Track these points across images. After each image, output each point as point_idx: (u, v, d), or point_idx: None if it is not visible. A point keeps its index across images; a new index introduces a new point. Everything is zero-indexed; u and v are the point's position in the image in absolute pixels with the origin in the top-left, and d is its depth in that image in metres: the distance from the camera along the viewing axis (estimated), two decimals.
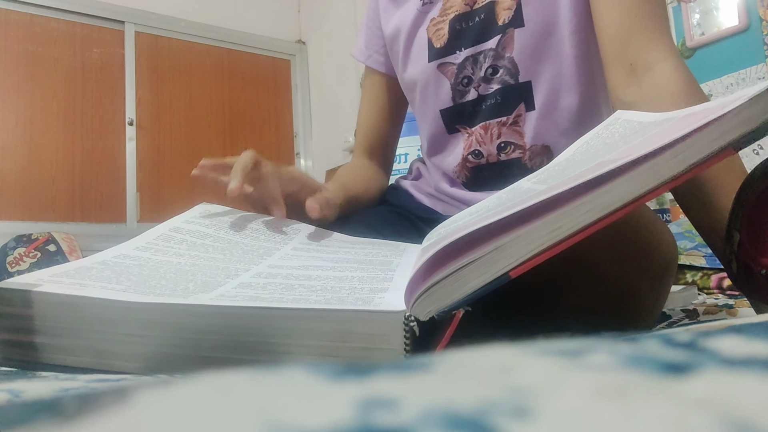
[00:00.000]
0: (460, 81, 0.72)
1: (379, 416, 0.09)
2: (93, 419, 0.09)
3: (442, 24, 0.73)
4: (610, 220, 0.28)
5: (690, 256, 0.97)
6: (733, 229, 0.37)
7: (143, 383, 0.11)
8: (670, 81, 0.55)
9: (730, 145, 0.27)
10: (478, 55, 0.71)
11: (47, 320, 0.31)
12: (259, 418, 0.09)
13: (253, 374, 0.11)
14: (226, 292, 0.34)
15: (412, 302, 0.29)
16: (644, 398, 0.09)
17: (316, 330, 0.29)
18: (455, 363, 0.11)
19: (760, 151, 1.47)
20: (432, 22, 0.74)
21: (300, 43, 3.43)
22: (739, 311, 0.60)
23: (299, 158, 3.32)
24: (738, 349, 0.12)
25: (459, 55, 0.72)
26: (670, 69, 0.55)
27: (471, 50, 0.71)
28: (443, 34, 0.73)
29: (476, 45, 0.71)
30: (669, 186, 0.28)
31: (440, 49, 0.73)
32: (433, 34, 0.74)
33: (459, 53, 0.72)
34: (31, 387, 0.24)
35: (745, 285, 0.37)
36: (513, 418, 0.09)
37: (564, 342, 0.13)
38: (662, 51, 0.57)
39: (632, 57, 0.58)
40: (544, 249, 0.28)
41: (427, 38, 0.75)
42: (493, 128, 0.71)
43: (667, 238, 0.47)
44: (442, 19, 0.73)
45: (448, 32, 0.73)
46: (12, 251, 2.25)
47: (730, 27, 1.61)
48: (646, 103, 0.55)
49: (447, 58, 0.73)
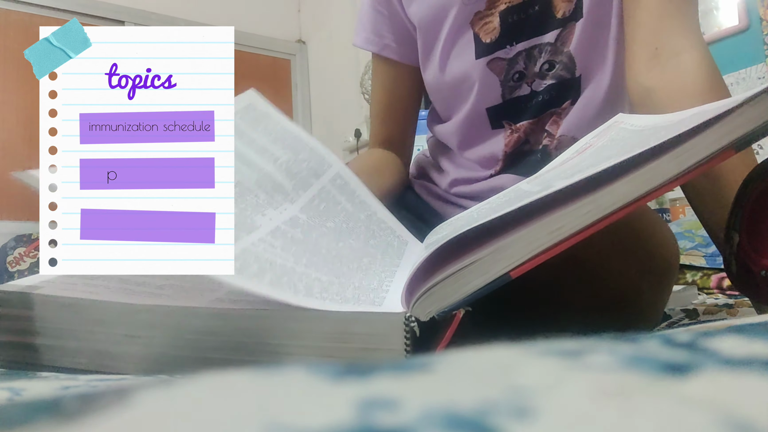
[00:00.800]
0: (511, 77, 0.68)
1: (379, 417, 0.09)
2: (93, 419, 0.09)
3: (491, 17, 0.68)
4: (611, 221, 0.28)
5: (690, 256, 0.97)
6: (733, 230, 0.37)
7: (144, 383, 0.11)
8: (696, 70, 0.52)
9: (731, 145, 0.27)
10: (532, 49, 0.67)
11: (47, 322, 0.31)
12: (260, 419, 0.09)
13: (254, 375, 0.11)
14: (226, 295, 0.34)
15: (413, 302, 0.29)
16: (644, 398, 0.09)
17: (317, 331, 0.29)
18: (455, 363, 0.11)
19: (760, 150, 1.47)
20: (477, 15, 0.68)
21: (300, 42, 3.43)
22: (739, 311, 0.60)
23: None
24: (738, 350, 0.12)
25: (510, 50, 0.67)
26: (697, 59, 0.53)
27: (524, 44, 0.67)
28: (493, 28, 0.68)
29: (531, 39, 0.67)
30: (670, 186, 0.28)
31: (490, 44, 0.68)
32: (481, 28, 0.69)
33: (510, 48, 0.67)
34: (31, 386, 0.24)
35: (745, 286, 0.37)
36: (513, 419, 0.09)
37: (564, 342, 0.13)
38: (692, 40, 0.54)
39: (660, 42, 0.56)
40: (544, 249, 0.28)
41: (473, 33, 0.69)
42: (544, 120, 0.69)
43: (668, 238, 0.47)
44: (490, 12, 0.68)
45: (500, 25, 0.67)
46: (12, 251, 2.25)
47: (730, 27, 1.61)
48: (667, 90, 0.53)
49: (497, 54, 0.68)
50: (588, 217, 0.27)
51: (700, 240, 0.98)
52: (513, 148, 0.71)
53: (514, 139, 0.70)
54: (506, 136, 0.71)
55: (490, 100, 0.70)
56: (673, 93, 0.52)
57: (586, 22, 0.65)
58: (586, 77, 0.67)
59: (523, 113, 0.70)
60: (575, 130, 0.68)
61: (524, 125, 0.70)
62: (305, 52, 3.42)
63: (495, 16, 0.68)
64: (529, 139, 0.70)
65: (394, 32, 0.77)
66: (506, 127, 0.71)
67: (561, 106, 0.68)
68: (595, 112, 0.67)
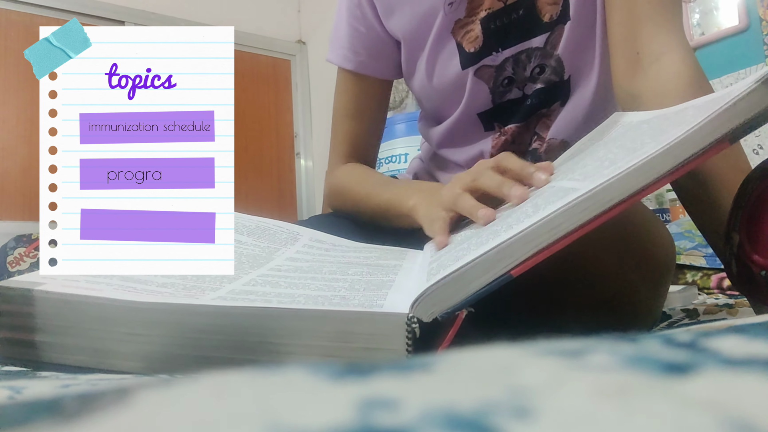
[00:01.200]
0: (500, 83, 0.68)
1: (379, 416, 0.09)
2: (94, 419, 0.09)
3: (472, 25, 0.66)
4: (609, 216, 0.28)
5: (690, 256, 0.97)
6: (733, 231, 0.36)
7: (144, 383, 0.11)
8: (678, 73, 0.52)
9: (725, 137, 0.27)
10: (519, 54, 0.66)
11: (48, 319, 0.31)
12: (260, 418, 0.09)
13: (254, 374, 0.11)
14: (227, 294, 0.34)
15: (414, 303, 0.29)
16: (645, 398, 0.09)
17: (318, 330, 0.29)
18: (455, 363, 0.11)
19: (760, 150, 1.47)
20: (458, 23, 0.67)
21: (300, 43, 3.43)
22: (740, 311, 0.60)
23: (299, 158, 3.32)
24: (739, 350, 0.12)
25: (497, 56, 0.67)
26: (677, 61, 0.52)
27: (512, 50, 0.66)
28: (476, 36, 0.66)
29: (518, 44, 0.66)
30: (666, 180, 0.28)
31: (474, 53, 0.67)
32: (463, 37, 0.67)
33: (497, 54, 0.66)
34: (32, 384, 0.24)
35: (745, 286, 0.37)
36: (513, 419, 0.09)
37: (564, 342, 0.13)
38: (671, 42, 0.54)
39: (640, 46, 0.55)
40: (545, 247, 0.28)
41: (456, 42, 0.68)
42: (532, 122, 0.69)
43: (664, 237, 0.47)
44: (471, 19, 0.66)
45: (482, 33, 0.66)
46: (12, 251, 2.25)
47: (730, 27, 1.61)
48: (651, 95, 0.53)
49: (484, 62, 0.67)
50: (586, 213, 0.27)
51: (700, 240, 0.98)
52: (500, 150, 0.71)
53: (501, 142, 0.71)
54: (494, 138, 0.71)
55: (480, 106, 0.70)
56: (657, 98, 0.51)
57: (573, 25, 0.64)
58: (575, 79, 0.67)
59: (513, 116, 0.69)
60: (564, 132, 0.68)
61: (512, 128, 0.70)
62: (305, 53, 3.42)
63: (476, 23, 0.66)
64: (516, 141, 0.70)
65: (369, 48, 0.76)
66: (496, 129, 0.71)
67: (550, 109, 0.68)
68: (583, 114, 0.67)
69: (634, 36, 0.56)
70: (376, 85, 0.78)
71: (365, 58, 0.76)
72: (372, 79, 0.77)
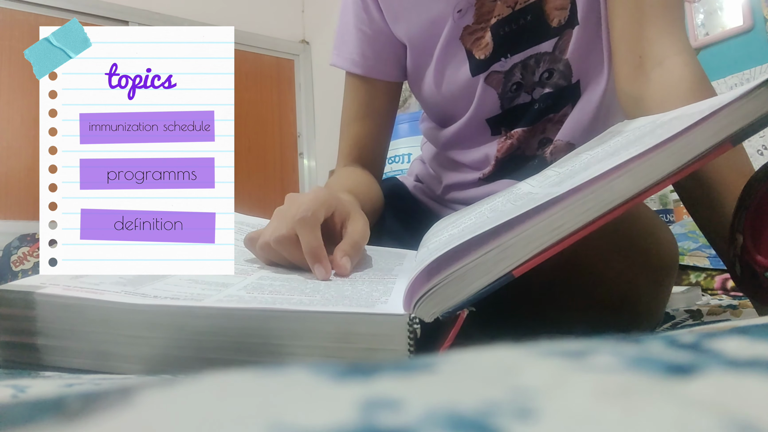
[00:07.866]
0: (509, 88, 0.68)
1: (381, 417, 0.09)
2: (96, 419, 0.09)
3: (482, 33, 0.67)
4: (612, 217, 0.28)
5: (693, 256, 0.97)
6: (737, 232, 0.36)
7: (147, 383, 0.11)
8: (680, 77, 0.52)
9: (728, 139, 0.27)
10: (528, 60, 0.67)
11: (49, 322, 0.31)
12: (263, 419, 0.09)
13: (257, 375, 0.11)
14: (228, 295, 0.34)
15: (416, 303, 0.29)
16: (648, 399, 0.09)
17: (320, 331, 0.29)
18: (458, 364, 0.11)
19: (765, 152, 1.47)
20: (467, 30, 0.67)
21: (304, 43, 3.43)
22: (743, 312, 0.60)
23: (302, 158, 3.32)
24: (742, 351, 0.12)
25: (506, 62, 0.67)
26: (680, 64, 0.53)
27: (520, 56, 0.66)
28: (486, 44, 0.67)
29: (527, 50, 0.66)
30: (669, 182, 0.28)
31: (484, 60, 0.67)
32: (472, 44, 0.68)
33: (505, 60, 0.67)
34: (35, 383, 0.24)
35: (749, 287, 0.37)
36: (516, 419, 0.09)
37: (567, 343, 0.12)
38: (674, 45, 0.54)
39: (643, 50, 0.55)
40: (547, 247, 0.28)
41: (465, 50, 0.68)
42: (539, 126, 0.69)
43: (667, 238, 0.46)
44: (481, 26, 0.67)
45: (492, 40, 0.66)
46: (16, 250, 2.26)
47: (735, 27, 1.61)
48: (654, 99, 0.53)
49: (493, 68, 0.67)
50: (588, 214, 0.27)
51: (703, 241, 0.98)
52: (505, 153, 0.71)
53: (506, 146, 0.71)
54: (500, 141, 0.71)
55: (489, 112, 0.70)
56: (660, 102, 0.52)
57: (581, 29, 0.64)
58: (584, 83, 0.67)
59: (520, 120, 0.70)
60: (570, 135, 0.68)
61: (518, 132, 0.70)
62: (309, 53, 3.42)
63: (486, 30, 0.67)
64: (521, 145, 0.71)
65: (377, 51, 0.75)
66: (503, 133, 0.71)
67: (558, 113, 0.68)
68: (590, 117, 0.67)
69: (636, 39, 0.56)
70: (385, 88, 0.77)
71: (374, 61, 0.75)
72: (381, 82, 0.77)
